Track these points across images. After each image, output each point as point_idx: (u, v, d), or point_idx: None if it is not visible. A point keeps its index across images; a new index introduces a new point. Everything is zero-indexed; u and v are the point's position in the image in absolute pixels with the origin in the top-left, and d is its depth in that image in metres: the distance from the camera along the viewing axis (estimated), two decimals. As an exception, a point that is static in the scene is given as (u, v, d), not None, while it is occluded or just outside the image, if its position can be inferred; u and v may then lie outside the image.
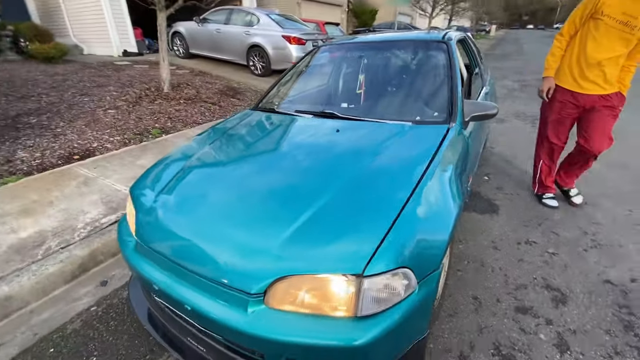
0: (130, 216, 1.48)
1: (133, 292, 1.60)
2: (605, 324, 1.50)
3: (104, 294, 1.77)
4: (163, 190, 1.44)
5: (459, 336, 1.45)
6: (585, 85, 2.10)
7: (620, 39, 1.93)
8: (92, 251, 1.94)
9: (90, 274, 1.92)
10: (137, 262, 1.30)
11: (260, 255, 1.05)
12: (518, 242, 2.09)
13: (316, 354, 0.99)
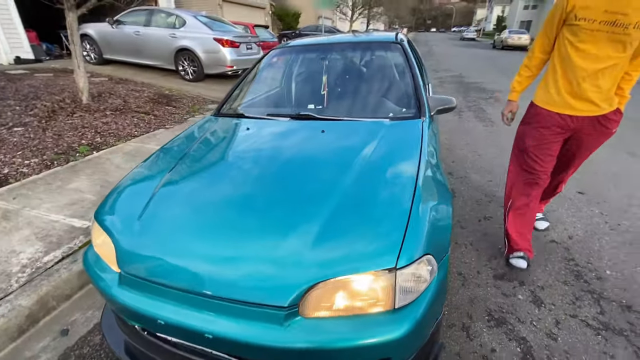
0: (103, 246, 1.27)
1: (110, 336, 1.39)
2: (561, 276, 1.79)
3: (68, 344, 1.49)
4: (147, 212, 1.27)
5: (456, 311, 1.58)
6: (578, 105, 1.63)
7: (612, 43, 1.48)
8: (41, 298, 1.62)
9: (42, 325, 1.59)
10: (127, 298, 1.13)
11: (288, 267, 1.01)
12: (478, 219, 2.36)
13: (358, 354, 0.98)
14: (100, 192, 2.55)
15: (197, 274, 1.05)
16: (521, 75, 1.88)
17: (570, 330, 1.46)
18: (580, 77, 1.58)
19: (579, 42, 1.54)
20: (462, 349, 1.39)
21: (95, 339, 1.51)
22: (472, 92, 7.04)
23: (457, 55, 15.82)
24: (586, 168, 2.58)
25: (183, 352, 1.22)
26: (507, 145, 3.82)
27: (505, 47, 20.83)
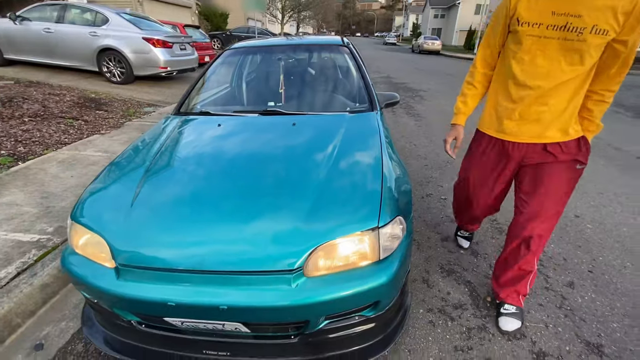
0: (89, 246, 1.27)
1: (97, 338, 1.38)
2: (489, 233, 2.24)
3: (47, 357, 1.41)
4: (138, 204, 1.30)
5: (416, 268, 1.89)
6: (517, 129, 1.32)
7: (566, 53, 1.15)
8: (3, 316, 1.49)
9: (10, 344, 1.47)
10: (129, 290, 1.16)
11: (290, 237, 1.17)
12: (422, 196, 2.76)
13: (352, 300, 1.19)
14: (42, 204, 2.32)
15: (203, 253, 1.14)
16: (464, 95, 1.52)
17: (499, 271, 1.87)
18: (525, 96, 1.24)
19: (523, 52, 1.20)
20: (425, 296, 1.69)
21: (77, 347, 1.46)
22: (401, 92, 7.81)
23: (383, 59, 17.16)
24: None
25: (188, 336, 1.29)
26: (435, 136, 4.44)
27: (422, 52, 23.20)
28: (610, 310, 1.60)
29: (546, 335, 1.47)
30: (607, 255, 2.01)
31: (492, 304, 1.63)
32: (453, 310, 1.60)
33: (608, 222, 2.36)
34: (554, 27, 1.14)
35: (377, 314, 1.27)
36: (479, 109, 1.57)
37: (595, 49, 1.12)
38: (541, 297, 1.68)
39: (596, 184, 2.99)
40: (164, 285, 1.15)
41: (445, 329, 1.50)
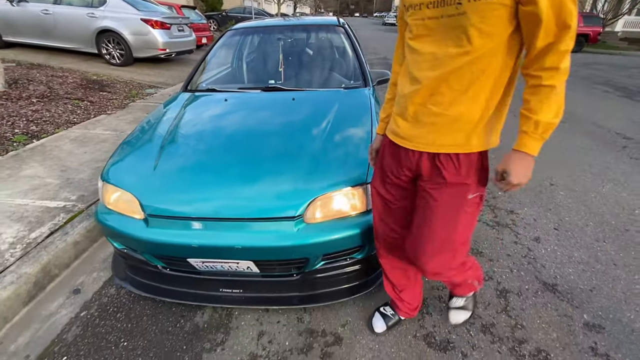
0: (120, 202, 1.49)
1: (126, 283, 1.62)
2: (471, 199, 2.47)
3: (85, 299, 1.65)
4: (161, 164, 1.51)
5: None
6: (409, 132, 1.03)
7: (451, 32, 0.87)
8: (43, 266, 1.72)
9: (50, 290, 1.71)
10: (158, 236, 1.39)
11: (293, 190, 1.39)
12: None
13: (344, 242, 1.42)
14: (62, 176, 2.53)
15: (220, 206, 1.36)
16: (386, 99, 1.26)
17: (475, 229, 2.12)
18: (415, 91, 0.97)
19: (412, 41, 0.98)
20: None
21: (110, 291, 1.70)
22: (397, 72, 7.90)
23: (380, 39, 16.99)
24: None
25: (206, 276, 1.53)
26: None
27: (421, 32, 22.85)
28: (568, 259, 1.85)
29: (510, 277, 1.72)
30: (573, 216, 2.25)
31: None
32: (433, 259, 1.85)
33: (579, 189, 2.60)
34: (432, 4, 0.88)
35: (364, 257, 1.50)
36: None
37: (484, 20, 0.81)
38: (509, 249, 1.93)
39: (574, 157, 3.21)
40: (187, 231, 1.37)
41: (424, 274, 1.75)
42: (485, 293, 1.63)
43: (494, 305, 1.56)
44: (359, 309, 1.55)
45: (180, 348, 1.39)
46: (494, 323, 1.47)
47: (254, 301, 1.51)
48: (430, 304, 1.57)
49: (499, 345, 1.37)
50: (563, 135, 3.79)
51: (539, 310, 1.53)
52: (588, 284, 1.68)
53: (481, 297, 1.60)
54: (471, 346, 1.36)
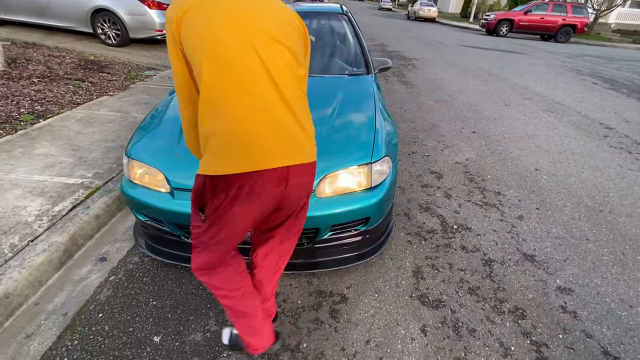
0: (145, 176, 1.63)
1: (149, 250, 1.77)
2: (462, 181, 2.68)
3: (111, 266, 1.81)
4: (182, 143, 1.64)
5: (400, 206, 2.33)
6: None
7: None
8: (71, 236, 1.86)
9: (78, 258, 1.86)
10: (182, 207, 1.54)
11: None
12: (408, 153, 3.16)
13: (350, 214, 1.59)
14: (75, 155, 2.63)
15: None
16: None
17: (466, 208, 2.32)
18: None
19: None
20: (405, 224, 2.14)
21: (134, 259, 1.86)
22: (394, 60, 7.98)
23: (378, 25, 16.89)
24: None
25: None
26: (423, 102, 4.78)
27: (417, 19, 22.72)
28: (546, 234, 2.08)
29: (495, 249, 1.94)
30: (553, 198, 2.48)
31: (457, 230, 2.09)
32: (426, 234, 2.06)
33: (560, 174, 2.83)
34: None
35: (368, 228, 1.69)
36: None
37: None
38: (495, 226, 2.14)
39: (559, 145, 3.43)
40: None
41: (419, 246, 1.95)
42: (472, 262, 1.84)
43: (479, 272, 1.77)
44: (362, 274, 1.75)
45: (205, 306, 1.57)
46: (479, 286, 1.68)
47: (268, 267, 1.69)
48: (424, 271, 1.77)
49: (483, 304, 1.58)
50: (550, 125, 4.01)
51: (518, 276, 1.75)
52: (562, 255, 1.90)
53: (469, 265, 1.81)
54: (459, 304, 1.58)
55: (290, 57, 0.94)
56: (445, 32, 15.53)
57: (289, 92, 0.94)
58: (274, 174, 0.93)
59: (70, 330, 1.47)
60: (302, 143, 0.98)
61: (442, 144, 3.40)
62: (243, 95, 0.88)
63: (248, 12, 0.88)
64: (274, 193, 0.96)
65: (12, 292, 1.55)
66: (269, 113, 0.91)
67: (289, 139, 0.94)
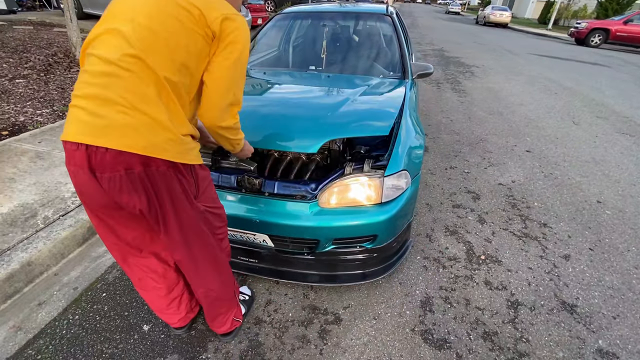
0: None
1: None
2: (502, 205, 2.37)
3: (126, 248, 1.90)
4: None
5: (423, 226, 2.12)
6: None
7: None
8: (96, 215, 1.99)
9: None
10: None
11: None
12: (445, 168, 2.90)
13: (354, 229, 1.47)
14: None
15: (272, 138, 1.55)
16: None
17: (500, 237, 2.04)
18: None
19: None
20: (425, 247, 1.93)
21: (146, 244, 1.93)
22: (452, 66, 7.50)
23: (441, 29, 16.08)
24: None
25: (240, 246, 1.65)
26: (475, 113, 4.39)
27: (487, 24, 21.20)
28: (597, 282, 1.73)
29: (526, 291, 1.66)
30: (615, 238, 2.07)
31: (485, 262, 1.84)
32: (447, 261, 1.84)
33: (630, 210, 2.36)
34: None
35: (375, 247, 1.54)
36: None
37: None
38: (533, 262, 1.84)
39: (633, 175, 2.89)
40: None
41: (435, 273, 1.75)
42: (495, 301, 1.59)
43: (501, 315, 1.53)
44: (363, 295, 1.61)
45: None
46: (498, 332, 1.44)
47: (267, 272, 1.63)
48: (434, 303, 1.58)
49: (498, 354, 1.35)
50: (625, 150, 3.41)
51: (549, 327, 1.47)
52: (613, 310, 1.57)
53: (490, 305, 1.57)
54: (468, 350, 1.37)
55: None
56: (516, 39, 14.24)
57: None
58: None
59: (76, 304, 1.56)
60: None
61: (486, 161, 3.06)
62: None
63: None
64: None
65: (34, 261, 1.69)
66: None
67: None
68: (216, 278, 1.22)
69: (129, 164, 0.84)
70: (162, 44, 0.87)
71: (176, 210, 0.98)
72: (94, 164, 0.84)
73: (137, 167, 0.85)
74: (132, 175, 0.86)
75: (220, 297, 1.26)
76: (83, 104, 0.83)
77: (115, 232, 1.06)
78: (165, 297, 1.28)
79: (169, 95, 0.89)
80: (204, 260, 1.16)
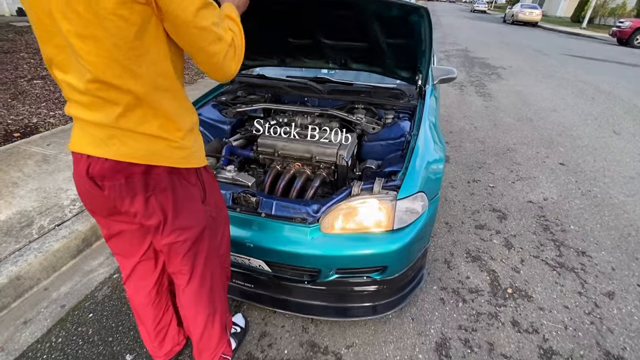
0: None
1: None
2: (532, 228, 2.11)
3: (120, 262, 1.80)
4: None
5: (441, 249, 1.91)
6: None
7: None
8: (93, 225, 1.91)
9: (95, 248, 1.90)
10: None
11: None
12: (467, 181, 2.65)
13: (361, 259, 1.29)
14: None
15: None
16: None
17: (531, 267, 1.80)
18: None
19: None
20: (442, 275, 1.72)
21: (141, 259, 1.82)
22: (476, 68, 7.12)
23: (466, 29, 15.49)
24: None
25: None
26: (501, 119, 4.08)
27: (515, 22, 20.26)
28: (650, 328, 1.47)
29: (562, 336, 1.42)
30: (670, 273, 1.78)
31: (512, 296, 1.61)
32: (468, 293, 1.62)
33: (687, 239, 2.05)
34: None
35: (385, 278, 1.36)
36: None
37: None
38: (570, 300, 1.59)
39: (690, 195, 2.54)
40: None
41: (454, 309, 1.54)
42: (524, 348, 1.37)
43: (532, 366, 1.30)
44: (370, 332, 1.43)
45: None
46: (528, 388, 1.23)
47: (263, 300, 1.47)
48: (452, 346, 1.37)
49: (528, 418, 1.14)
50: (679, 165, 3.03)
51: (592, 387, 1.24)
52: (672, 368, 1.31)
53: (518, 352, 1.35)
54: (491, 409, 1.16)
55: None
56: (547, 38, 13.49)
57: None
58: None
59: (61, 325, 1.46)
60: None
61: (515, 174, 2.79)
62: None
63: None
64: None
65: (24, 275, 1.61)
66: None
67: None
68: (209, 305, 1.10)
69: (129, 172, 0.81)
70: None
71: (179, 218, 0.91)
72: (92, 173, 0.82)
73: (138, 175, 0.82)
74: (132, 184, 0.82)
75: (210, 330, 1.13)
76: (80, 116, 0.80)
77: (120, 239, 1.04)
78: (152, 321, 1.18)
79: (150, 105, 0.78)
80: (203, 278, 1.05)
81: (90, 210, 0.96)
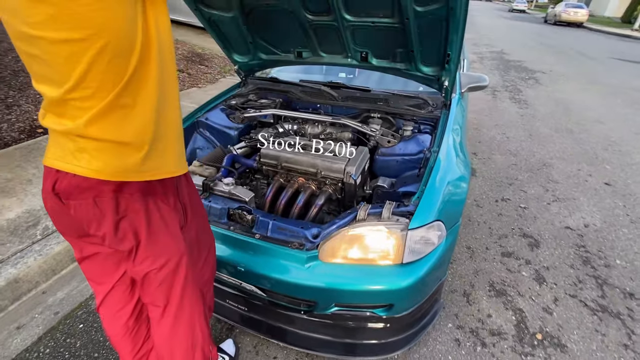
0: None
1: None
2: (569, 260, 1.85)
3: (119, 269, 1.75)
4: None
5: (460, 279, 1.70)
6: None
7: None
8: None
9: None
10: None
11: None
12: (496, 200, 2.40)
13: (362, 295, 1.14)
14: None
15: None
16: None
17: (566, 308, 1.56)
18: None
19: None
20: (460, 311, 1.53)
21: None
22: (512, 71, 6.67)
23: (502, 29, 14.70)
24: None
25: (216, 284, 1.41)
26: (538, 129, 3.73)
27: (557, 23, 18.99)
28: None
29: (602, 400, 1.19)
30: None
31: (542, 344, 1.39)
32: (488, 335, 1.42)
33: None
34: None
35: (391, 316, 1.20)
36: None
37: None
38: (613, 354, 1.35)
39: None
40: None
41: (471, 353, 1.34)
42: (554, 411, 1.16)
43: None
44: (372, 374, 1.27)
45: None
46: None
47: (256, 326, 1.35)
48: (466, 400, 1.19)
49: None
50: None
51: None
52: None
53: (546, 417, 1.14)
54: None
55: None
56: (593, 41, 12.49)
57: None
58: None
59: (51, 334, 1.42)
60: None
61: (551, 194, 2.50)
62: None
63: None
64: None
65: (22, 278, 1.59)
66: None
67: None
68: (187, 339, 0.97)
69: (99, 191, 0.72)
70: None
71: (153, 244, 0.81)
72: (58, 189, 0.73)
73: (108, 194, 0.72)
74: (100, 204, 0.73)
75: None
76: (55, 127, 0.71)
77: (93, 262, 0.93)
78: (130, 352, 1.08)
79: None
80: (180, 310, 0.92)
81: (60, 230, 0.88)
